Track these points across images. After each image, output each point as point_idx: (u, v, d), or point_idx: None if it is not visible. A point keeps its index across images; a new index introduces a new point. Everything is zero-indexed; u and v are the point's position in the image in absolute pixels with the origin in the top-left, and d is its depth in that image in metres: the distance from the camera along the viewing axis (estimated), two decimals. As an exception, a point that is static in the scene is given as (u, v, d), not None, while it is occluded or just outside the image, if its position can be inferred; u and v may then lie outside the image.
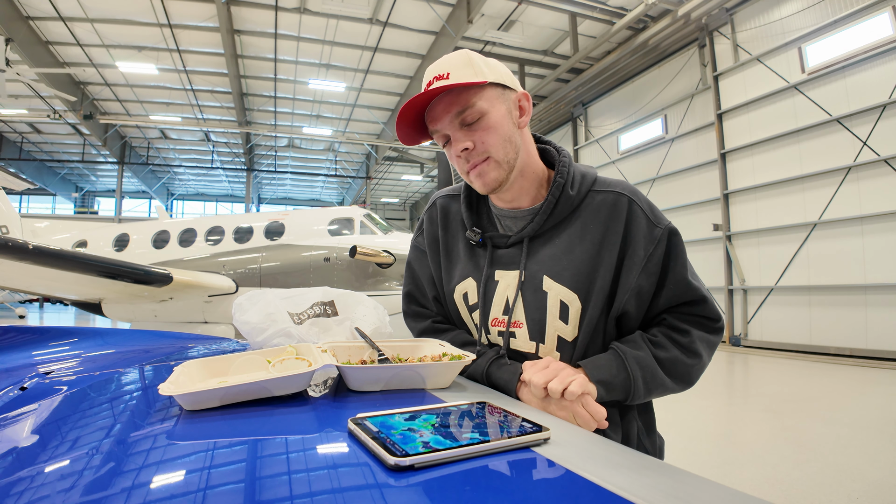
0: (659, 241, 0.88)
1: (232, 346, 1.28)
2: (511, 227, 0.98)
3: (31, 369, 0.99)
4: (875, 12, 7.31)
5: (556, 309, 0.89)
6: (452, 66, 0.86)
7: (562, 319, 0.89)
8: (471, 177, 0.91)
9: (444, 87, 0.84)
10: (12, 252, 4.77)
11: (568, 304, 0.88)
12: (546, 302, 0.90)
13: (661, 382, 0.87)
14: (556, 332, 0.90)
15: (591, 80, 12.42)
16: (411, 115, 0.89)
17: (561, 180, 0.92)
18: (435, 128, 0.90)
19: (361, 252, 5.99)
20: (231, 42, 11.64)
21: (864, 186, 7.47)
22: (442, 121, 0.88)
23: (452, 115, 0.87)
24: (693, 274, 0.91)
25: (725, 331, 9.42)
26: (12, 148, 19.69)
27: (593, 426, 0.78)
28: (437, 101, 0.88)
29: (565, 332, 0.89)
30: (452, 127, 0.88)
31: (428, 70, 0.89)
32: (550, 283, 0.89)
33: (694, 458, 3.24)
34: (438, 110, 0.88)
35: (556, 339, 0.90)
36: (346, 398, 0.69)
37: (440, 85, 0.84)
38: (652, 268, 0.87)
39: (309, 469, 0.46)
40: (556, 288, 0.89)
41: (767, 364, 7.26)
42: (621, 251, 0.88)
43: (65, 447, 0.54)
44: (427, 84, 0.87)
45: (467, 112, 0.86)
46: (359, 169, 22.32)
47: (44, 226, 8.49)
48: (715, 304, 0.92)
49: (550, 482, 0.44)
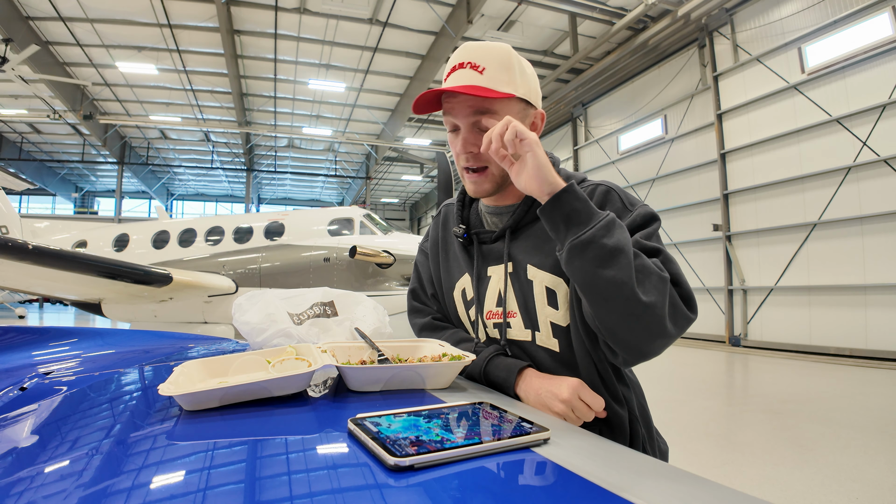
0: (632, 218, 0.85)
1: (232, 346, 1.28)
2: (497, 223, 1.01)
3: (31, 369, 0.99)
4: (875, 12, 7.31)
5: (543, 296, 0.91)
6: (490, 61, 0.86)
7: (551, 305, 0.90)
8: (465, 177, 0.95)
9: (471, 88, 0.84)
10: (12, 252, 4.77)
11: (554, 289, 0.90)
12: (533, 290, 0.91)
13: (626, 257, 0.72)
14: (549, 319, 0.91)
15: (590, 81, 12.42)
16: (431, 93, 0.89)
17: None
18: (450, 116, 0.91)
19: (361, 252, 5.99)
20: (231, 42, 11.64)
21: (864, 187, 7.47)
22: (459, 114, 0.89)
23: (471, 114, 0.88)
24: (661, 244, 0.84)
25: (725, 331, 9.44)
26: (12, 148, 19.68)
27: (591, 416, 0.78)
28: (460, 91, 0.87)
29: (557, 317, 0.90)
30: (466, 124, 0.89)
31: (464, 48, 0.88)
32: (535, 272, 0.91)
33: (694, 458, 3.24)
34: (458, 101, 0.88)
35: (549, 326, 0.91)
36: (346, 398, 0.69)
37: (470, 84, 0.84)
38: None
39: (309, 469, 0.46)
40: (541, 275, 0.91)
41: (767, 364, 7.25)
42: None
43: (64, 447, 0.54)
44: (459, 64, 0.87)
45: (485, 117, 0.87)
46: (358, 169, 22.32)
47: (43, 226, 8.49)
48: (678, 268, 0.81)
49: (550, 483, 0.44)
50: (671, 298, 0.76)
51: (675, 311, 0.76)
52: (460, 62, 0.87)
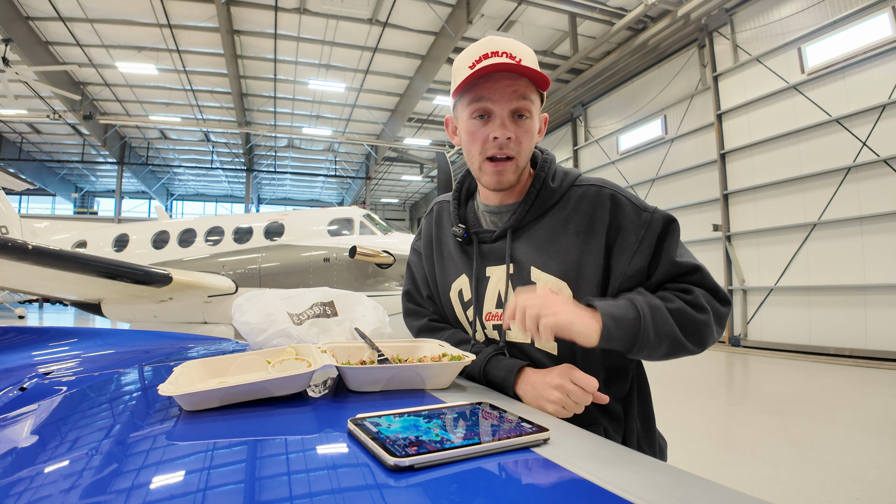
0: (650, 225, 0.87)
1: (232, 346, 1.28)
2: (496, 222, 0.99)
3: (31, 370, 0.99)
4: (874, 13, 7.32)
5: None
6: (524, 53, 0.86)
7: None
8: (487, 167, 0.90)
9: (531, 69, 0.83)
10: (12, 252, 4.76)
11: (558, 292, 0.88)
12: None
13: (671, 329, 0.81)
14: None
15: (590, 81, 12.42)
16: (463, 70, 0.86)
17: (542, 174, 0.94)
18: (487, 99, 0.86)
19: (361, 252, 5.99)
20: (231, 42, 11.63)
21: (864, 187, 7.47)
22: (500, 98, 0.86)
23: (513, 99, 0.86)
24: (688, 254, 0.90)
25: (725, 331, 9.44)
26: (12, 148, 19.67)
27: (588, 399, 0.77)
28: (500, 77, 0.85)
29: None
30: (506, 110, 0.86)
31: (492, 40, 0.86)
32: (538, 274, 0.90)
33: (694, 458, 3.24)
34: (502, 86, 0.85)
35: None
36: (346, 398, 0.69)
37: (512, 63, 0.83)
38: (645, 250, 0.87)
39: (308, 469, 0.46)
40: (545, 278, 0.90)
41: (767, 364, 7.26)
42: (609, 238, 0.88)
43: (64, 448, 0.53)
44: (493, 52, 0.84)
45: (525, 103, 0.86)
46: (358, 169, 22.32)
47: (43, 226, 8.49)
48: (710, 274, 0.89)
49: (550, 483, 0.44)
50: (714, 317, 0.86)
51: (719, 321, 0.87)
52: (493, 51, 0.84)
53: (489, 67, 0.82)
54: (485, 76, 0.85)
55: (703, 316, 0.84)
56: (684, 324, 0.82)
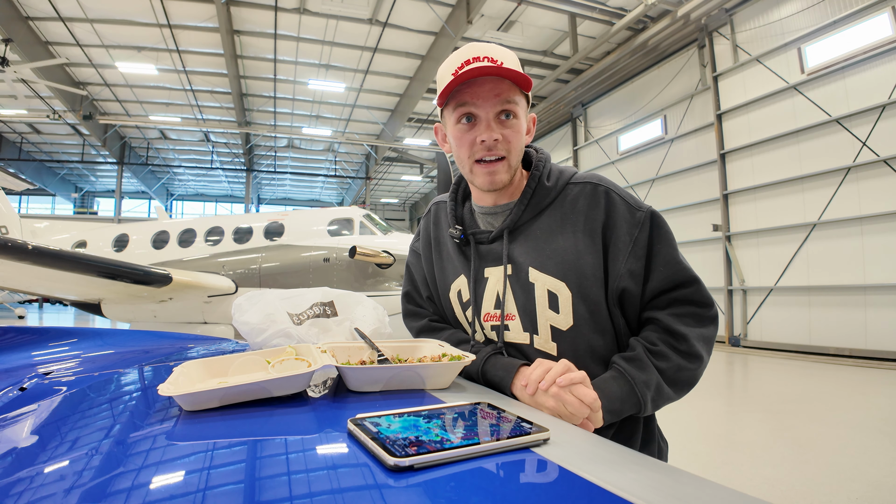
0: (643, 225, 0.88)
1: (231, 346, 1.28)
2: (492, 222, 0.99)
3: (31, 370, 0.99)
4: (874, 13, 7.32)
5: (544, 299, 0.90)
6: (506, 57, 0.86)
7: (552, 309, 0.89)
8: (478, 169, 0.90)
9: (513, 70, 0.84)
10: (12, 252, 4.76)
11: (556, 292, 0.89)
12: (534, 293, 0.90)
13: (667, 396, 0.87)
14: (549, 322, 0.90)
15: (590, 81, 12.42)
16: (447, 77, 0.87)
17: (537, 172, 0.94)
18: (471, 104, 0.87)
19: (361, 252, 5.99)
20: (231, 42, 11.63)
21: (864, 187, 7.47)
22: (485, 102, 0.86)
23: (497, 102, 0.86)
24: (683, 259, 0.91)
25: (725, 331, 9.44)
26: (12, 148, 19.67)
27: (585, 412, 0.76)
28: (483, 81, 0.86)
29: (558, 321, 0.89)
30: (490, 112, 0.87)
31: (473, 46, 0.87)
32: (537, 275, 0.90)
33: (694, 458, 3.24)
34: (485, 90, 0.86)
35: (549, 330, 0.90)
36: (346, 399, 0.69)
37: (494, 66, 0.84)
38: (639, 251, 0.88)
39: (308, 469, 0.46)
40: (543, 278, 0.90)
41: (767, 364, 7.26)
42: (604, 237, 0.89)
43: (64, 448, 0.53)
44: (474, 58, 0.85)
45: (510, 105, 0.87)
46: (358, 169, 22.32)
47: (43, 226, 8.48)
48: (705, 287, 0.91)
49: (550, 483, 0.44)
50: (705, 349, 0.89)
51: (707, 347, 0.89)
52: (475, 56, 0.85)
53: (471, 72, 0.83)
54: (468, 81, 0.85)
55: (696, 364, 0.88)
56: (679, 382, 0.87)
